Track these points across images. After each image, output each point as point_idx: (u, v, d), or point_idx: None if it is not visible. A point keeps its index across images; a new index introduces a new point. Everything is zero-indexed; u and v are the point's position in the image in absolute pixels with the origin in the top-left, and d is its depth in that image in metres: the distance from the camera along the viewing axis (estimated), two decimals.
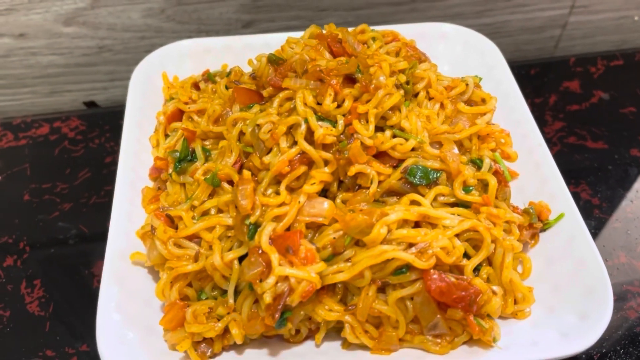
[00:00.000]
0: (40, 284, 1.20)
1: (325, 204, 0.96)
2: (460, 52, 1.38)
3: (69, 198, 1.36)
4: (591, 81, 1.64)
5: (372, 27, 1.30)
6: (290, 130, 0.99)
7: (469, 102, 1.15)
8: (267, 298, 0.87)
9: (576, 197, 1.35)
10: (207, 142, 1.14)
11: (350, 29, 1.23)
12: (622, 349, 1.09)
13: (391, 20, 1.70)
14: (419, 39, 1.33)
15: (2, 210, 1.35)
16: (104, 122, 1.52)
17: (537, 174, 1.13)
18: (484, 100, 1.15)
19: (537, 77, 1.67)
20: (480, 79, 1.18)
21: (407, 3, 1.66)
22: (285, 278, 0.89)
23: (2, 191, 1.39)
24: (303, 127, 0.98)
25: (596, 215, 1.31)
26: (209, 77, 1.29)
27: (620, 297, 1.17)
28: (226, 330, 0.95)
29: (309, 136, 0.99)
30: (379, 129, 1.03)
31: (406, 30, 1.31)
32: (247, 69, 1.20)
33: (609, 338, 1.11)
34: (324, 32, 1.17)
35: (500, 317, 0.99)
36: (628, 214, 1.32)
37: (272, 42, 1.28)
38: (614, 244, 1.26)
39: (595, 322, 0.92)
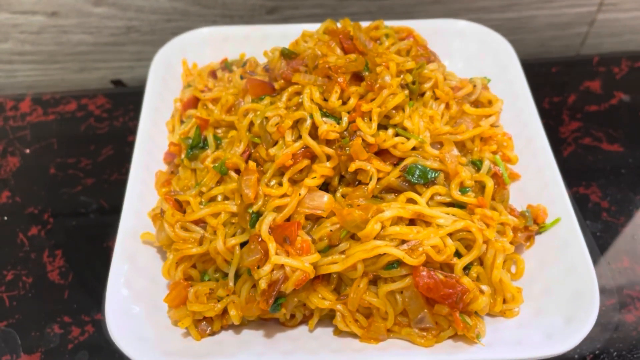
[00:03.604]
0: (61, 254, 1.26)
1: (325, 197, 0.99)
2: (475, 50, 1.37)
3: (92, 173, 1.42)
4: (613, 82, 1.61)
5: (388, 23, 1.30)
6: (297, 124, 1.02)
7: (475, 104, 1.16)
8: (263, 284, 0.92)
9: (585, 199, 1.35)
10: (219, 131, 1.17)
11: (366, 24, 1.25)
12: (616, 352, 1.10)
13: (413, 12, 1.69)
14: (434, 35, 1.33)
15: (30, 182, 1.41)
16: (129, 102, 1.56)
17: (538, 178, 1.13)
18: (490, 102, 1.16)
19: (558, 76, 1.64)
20: (489, 80, 1.18)
21: None
22: (281, 266, 0.92)
23: (30, 164, 1.45)
24: (308, 122, 1.00)
25: (604, 218, 1.31)
26: (226, 65, 1.32)
27: (620, 301, 1.18)
28: (225, 311, 0.99)
29: (314, 131, 1.01)
30: (382, 127, 1.05)
31: (422, 26, 1.30)
32: (264, 60, 1.23)
33: (603, 340, 1.12)
34: (339, 26, 1.19)
35: (489, 315, 1.02)
36: (636, 218, 1.31)
37: (291, 32, 1.29)
38: (619, 248, 1.26)
39: (579, 325, 0.94)
